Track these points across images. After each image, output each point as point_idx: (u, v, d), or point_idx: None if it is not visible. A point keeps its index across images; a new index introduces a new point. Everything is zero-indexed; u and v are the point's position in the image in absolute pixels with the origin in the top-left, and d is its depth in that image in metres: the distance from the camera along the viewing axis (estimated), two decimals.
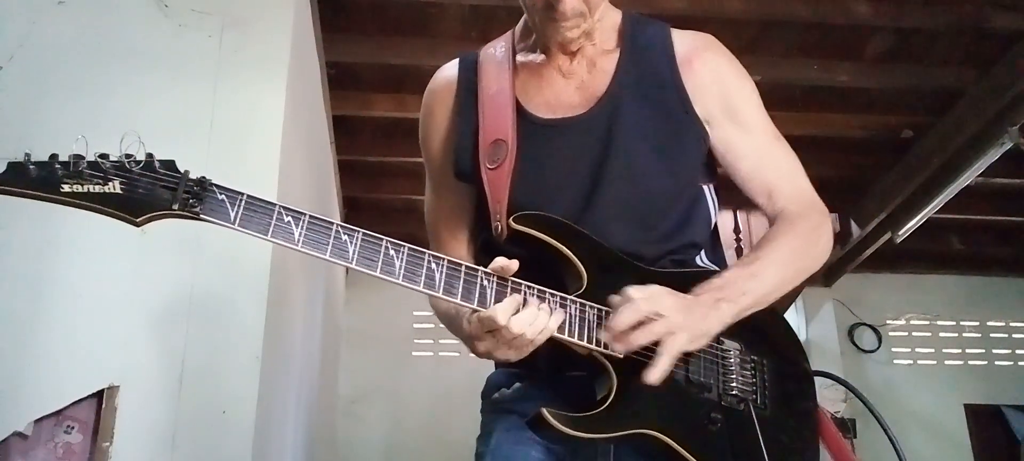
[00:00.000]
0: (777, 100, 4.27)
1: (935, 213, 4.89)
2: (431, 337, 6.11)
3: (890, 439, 1.27)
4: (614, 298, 1.09)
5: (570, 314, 1.08)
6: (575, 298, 1.10)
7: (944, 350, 6.62)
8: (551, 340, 1.07)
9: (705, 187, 1.32)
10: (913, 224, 5.03)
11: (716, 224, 1.36)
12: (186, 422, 2.15)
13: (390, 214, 5.60)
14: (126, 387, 2.14)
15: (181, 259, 2.28)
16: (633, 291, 1.08)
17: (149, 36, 2.53)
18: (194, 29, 2.55)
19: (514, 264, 1.06)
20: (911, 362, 6.54)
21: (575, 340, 1.08)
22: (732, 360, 1.18)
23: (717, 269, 1.26)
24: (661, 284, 1.12)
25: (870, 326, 6.54)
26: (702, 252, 1.29)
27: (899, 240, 5.20)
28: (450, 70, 1.38)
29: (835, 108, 4.40)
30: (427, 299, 1.18)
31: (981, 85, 4.00)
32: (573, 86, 1.29)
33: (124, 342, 2.18)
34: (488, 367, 1.43)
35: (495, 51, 1.36)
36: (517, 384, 1.22)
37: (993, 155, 4.19)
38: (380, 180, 5.23)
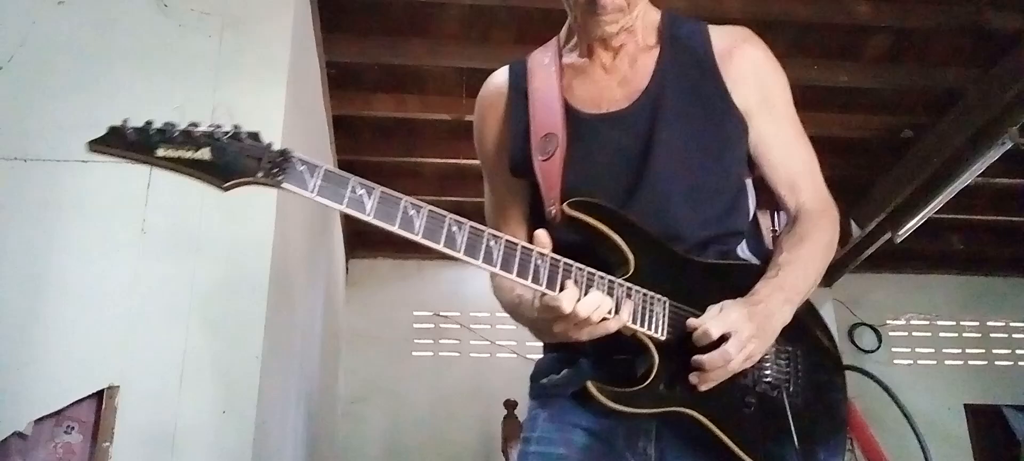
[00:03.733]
0: None
1: (935, 213, 4.89)
2: (431, 337, 6.11)
3: (916, 435, 1.36)
4: (692, 324, 1.16)
5: (617, 297, 1.13)
6: (623, 282, 1.15)
7: (944, 350, 6.61)
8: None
9: (746, 181, 1.38)
10: (913, 224, 5.02)
11: (756, 215, 1.40)
12: (186, 422, 2.15)
13: None
14: (126, 387, 2.14)
15: (181, 259, 2.28)
16: (712, 324, 1.13)
17: (149, 36, 2.53)
18: (194, 29, 2.55)
19: (546, 238, 1.12)
20: (911, 362, 6.53)
21: (623, 321, 1.13)
22: (768, 348, 1.22)
23: (757, 262, 1.31)
24: (705, 274, 1.21)
25: (870, 326, 6.54)
26: (744, 241, 1.34)
27: (899, 240, 5.20)
28: (500, 76, 1.46)
29: (835, 108, 4.40)
30: (427, 299, 1.19)
31: (981, 85, 4.00)
32: (616, 82, 1.35)
33: (124, 342, 2.18)
34: (490, 369, 1.45)
35: (542, 55, 1.44)
36: (565, 370, 1.27)
37: (993, 155, 4.19)
38: (380, 180, 5.06)
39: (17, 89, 2.39)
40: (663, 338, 1.16)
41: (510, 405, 4.91)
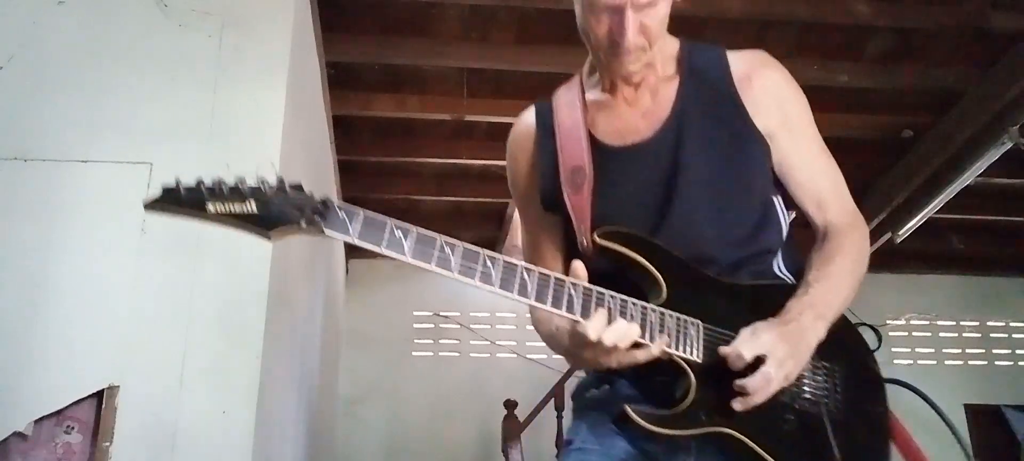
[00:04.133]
0: None
1: (935, 213, 4.89)
2: (431, 337, 6.11)
3: (957, 439, 1.38)
4: (725, 351, 1.16)
5: (651, 323, 1.16)
6: (656, 307, 1.17)
7: (944, 350, 6.62)
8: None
9: (774, 198, 1.39)
10: (913, 224, 5.02)
11: (791, 233, 1.42)
12: (186, 422, 2.15)
13: (390, 214, 5.57)
14: (126, 387, 2.14)
15: (181, 259, 2.28)
16: (744, 348, 1.15)
17: (149, 36, 2.53)
18: (194, 29, 2.55)
19: (582, 270, 1.14)
20: (911, 362, 6.54)
21: (659, 346, 1.16)
22: (805, 365, 1.23)
23: (792, 280, 1.32)
24: (737, 296, 1.23)
25: (870, 326, 6.50)
26: (778, 257, 1.35)
27: (899, 240, 5.20)
28: (528, 116, 1.50)
29: (835, 108, 4.39)
30: (427, 299, 1.21)
31: (981, 85, 4.00)
32: (639, 114, 1.38)
33: (124, 342, 2.18)
34: (490, 369, 1.45)
35: (566, 93, 1.47)
36: (606, 386, 1.30)
37: (993, 155, 4.19)
38: (380, 180, 5.23)
39: (17, 89, 2.39)
40: (699, 360, 1.18)
41: (510, 405, 4.90)
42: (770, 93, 1.37)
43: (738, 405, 1.15)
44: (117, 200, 2.31)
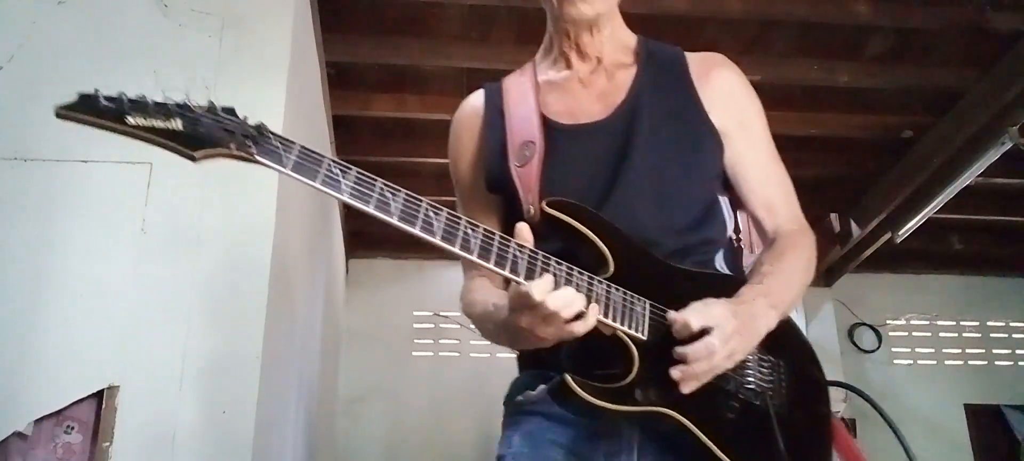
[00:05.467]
0: (777, 100, 4.27)
1: (935, 213, 4.89)
2: (431, 337, 6.11)
3: (899, 438, 1.35)
4: (673, 317, 1.13)
5: (597, 295, 1.11)
6: (602, 280, 1.13)
7: (944, 350, 6.62)
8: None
9: (720, 197, 1.38)
10: (913, 224, 5.02)
11: (735, 234, 1.42)
12: (186, 422, 2.15)
13: None
14: (126, 387, 2.14)
15: (181, 259, 2.28)
16: (693, 316, 1.11)
17: (149, 36, 2.53)
18: (194, 29, 2.55)
19: (528, 234, 1.09)
20: (911, 362, 6.53)
21: (603, 319, 1.11)
22: (750, 356, 1.21)
23: (732, 274, 1.31)
24: (685, 280, 1.21)
25: (870, 326, 6.53)
26: (721, 252, 1.34)
27: (899, 240, 5.20)
28: (476, 97, 1.48)
29: (835, 108, 4.40)
30: (427, 299, 1.19)
31: (981, 85, 4.00)
32: (593, 96, 1.37)
33: (124, 342, 2.18)
34: (490, 369, 1.45)
35: (518, 77, 1.46)
36: (542, 386, 1.24)
37: (993, 155, 4.19)
38: None
39: (17, 89, 2.39)
40: (644, 338, 1.14)
41: None
42: (727, 92, 1.37)
43: (676, 373, 1.10)
44: (117, 200, 2.31)
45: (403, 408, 5.92)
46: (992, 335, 6.69)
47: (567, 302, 1.06)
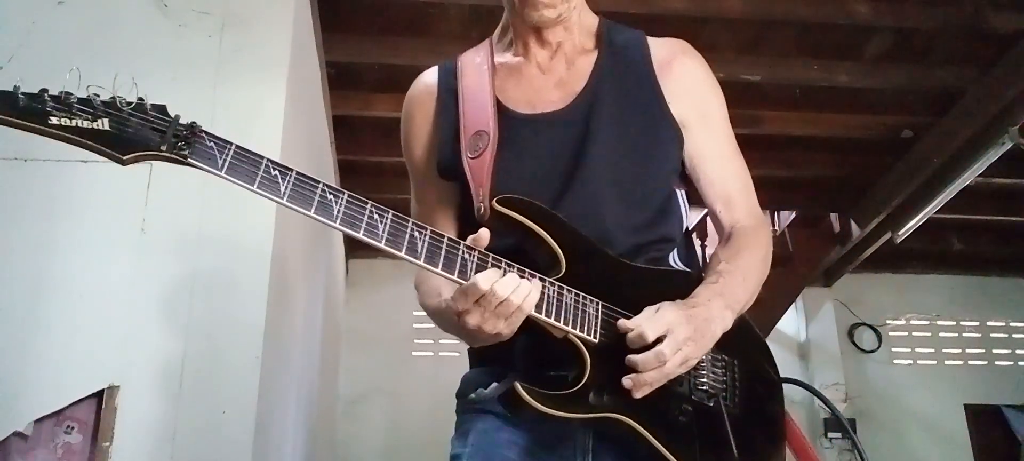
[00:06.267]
0: (777, 100, 4.27)
1: (935, 213, 4.89)
2: (431, 337, 6.11)
3: (854, 443, 1.34)
4: (625, 326, 1.10)
5: (548, 296, 1.09)
6: (554, 280, 1.11)
7: (944, 350, 6.62)
8: (529, 328, 1.09)
9: (677, 191, 1.35)
10: (913, 224, 5.03)
11: (689, 229, 1.39)
12: (186, 422, 2.14)
13: None
14: (126, 387, 2.14)
15: (181, 259, 2.28)
16: (647, 326, 1.08)
17: (149, 36, 2.53)
18: (194, 29, 2.55)
19: (486, 235, 1.07)
20: (911, 362, 6.54)
21: (553, 322, 1.09)
22: (703, 357, 1.18)
23: (688, 270, 1.29)
24: (639, 279, 1.18)
25: (870, 326, 6.54)
26: (675, 250, 1.31)
27: (899, 240, 5.21)
28: (429, 76, 1.43)
29: (835, 108, 4.40)
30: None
31: (981, 85, 4.00)
32: (552, 83, 1.33)
33: (124, 342, 2.18)
34: None
35: (474, 55, 1.40)
36: (494, 384, 1.18)
37: (993, 155, 4.20)
38: (380, 180, 5.23)
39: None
40: (596, 341, 1.11)
41: None
42: (689, 83, 1.33)
43: (627, 382, 1.08)
44: (117, 200, 2.31)
45: (403, 408, 5.92)
46: (992, 335, 6.69)
47: (514, 286, 1.03)
